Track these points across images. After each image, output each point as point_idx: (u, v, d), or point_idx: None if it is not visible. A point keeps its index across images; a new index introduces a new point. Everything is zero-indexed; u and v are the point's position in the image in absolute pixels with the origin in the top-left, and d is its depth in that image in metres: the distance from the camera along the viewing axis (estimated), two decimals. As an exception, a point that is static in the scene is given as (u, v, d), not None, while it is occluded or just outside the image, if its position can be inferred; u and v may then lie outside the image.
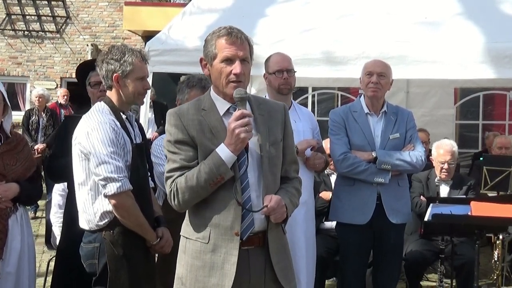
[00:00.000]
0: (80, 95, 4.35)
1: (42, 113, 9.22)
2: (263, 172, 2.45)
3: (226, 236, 2.40)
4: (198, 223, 2.46)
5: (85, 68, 3.78)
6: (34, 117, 9.13)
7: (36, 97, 9.19)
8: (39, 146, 8.81)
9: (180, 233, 2.57)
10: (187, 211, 2.53)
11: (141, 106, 4.94)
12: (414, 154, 3.85)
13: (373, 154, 3.82)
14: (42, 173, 4.44)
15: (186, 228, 2.53)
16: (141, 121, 5.38)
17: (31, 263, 3.56)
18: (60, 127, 4.33)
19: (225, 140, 2.37)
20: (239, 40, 2.43)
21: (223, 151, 2.36)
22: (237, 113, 2.35)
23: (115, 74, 2.91)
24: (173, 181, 2.42)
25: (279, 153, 2.54)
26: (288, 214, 2.48)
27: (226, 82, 2.42)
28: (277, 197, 2.41)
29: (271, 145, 2.49)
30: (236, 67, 2.40)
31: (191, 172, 2.39)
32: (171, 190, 2.43)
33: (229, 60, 2.41)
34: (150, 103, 8.18)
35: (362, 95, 4.03)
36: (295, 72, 3.82)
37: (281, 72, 3.73)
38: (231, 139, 2.34)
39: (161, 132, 8.11)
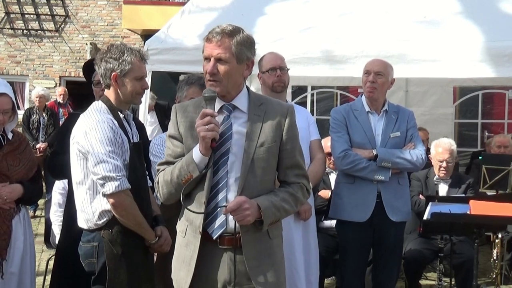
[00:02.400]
0: (81, 94, 4.37)
1: (43, 112, 9.22)
2: (241, 173, 2.41)
3: (195, 233, 2.45)
4: (181, 217, 2.56)
5: (92, 67, 3.80)
6: (35, 116, 9.12)
7: (37, 97, 9.18)
8: (41, 145, 8.82)
9: None
10: None
11: (141, 106, 4.95)
12: (414, 153, 3.86)
13: (373, 151, 3.83)
14: (42, 172, 4.45)
15: (178, 222, 2.62)
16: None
17: (32, 262, 3.58)
18: (62, 124, 4.34)
19: None
20: (215, 39, 2.40)
21: (195, 150, 2.39)
22: (201, 112, 2.36)
23: (113, 73, 2.91)
24: (158, 174, 2.53)
25: (269, 155, 2.47)
26: (264, 218, 2.38)
27: (206, 81, 2.45)
28: (239, 198, 2.35)
29: (259, 146, 2.44)
30: (208, 66, 2.41)
31: (169, 168, 2.46)
32: (155, 183, 2.54)
33: (208, 59, 2.42)
34: (152, 106, 8.17)
35: (363, 94, 4.04)
36: (288, 69, 3.84)
37: (274, 70, 3.75)
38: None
39: None
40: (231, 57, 2.40)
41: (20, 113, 9.94)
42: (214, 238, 2.41)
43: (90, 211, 2.87)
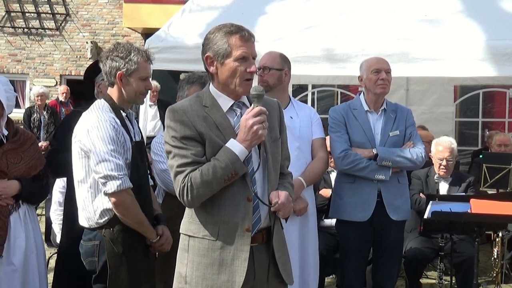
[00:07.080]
0: (81, 92, 4.36)
1: (43, 111, 9.23)
2: (268, 168, 2.47)
3: (236, 232, 2.40)
4: (205, 221, 2.43)
5: (96, 69, 3.81)
6: (35, 115, 9.13)
7: (37, 96, 9.19)
8: (42, 143, 8.82)
9: (180, 231, 2.55)
10: (187, 208, 2.51)
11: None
12: (414, 151, 3.86)
13: (373, 151, 3.83)
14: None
15: (189, 226, 2.49)
16: (141, 118, 5.38)
17: (41, 260, 3.52)
18: (62, 122, 4.32)
19: (238, 136, 2.37)
20: (252, 38, 2.45)
21: (237, 147, 2.35)
22: (256, 109, 2.34)
23: (119, 72, 2.90)
24: (186, 175, 2.35)
25: (279, 149, 2.57)
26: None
27: (241, 81, 2.42)
28: (285, 193, 2.44)
29: (273, 141, 2.51)
30: (253, 66, 2.43)
31: (205, 167, 2.35)
32: (184, 185, 2.36)
33: (244, 59, 2.41)
34: (155, 101, 8.17)
35: (362, 93, 4.03)
36: (278, 69, 3.73)
37: (259, 70, 3.67)
38: (246, 135, 2.34)
39: None
40: None
41: (21, 112, 10.03)
42: (252, 234, 2.42)
43: (92, 209, 2.87)
